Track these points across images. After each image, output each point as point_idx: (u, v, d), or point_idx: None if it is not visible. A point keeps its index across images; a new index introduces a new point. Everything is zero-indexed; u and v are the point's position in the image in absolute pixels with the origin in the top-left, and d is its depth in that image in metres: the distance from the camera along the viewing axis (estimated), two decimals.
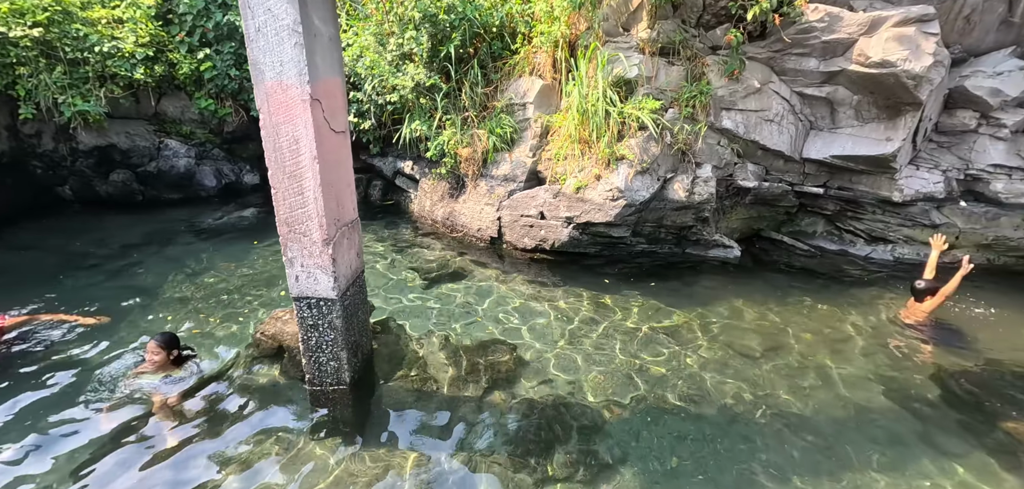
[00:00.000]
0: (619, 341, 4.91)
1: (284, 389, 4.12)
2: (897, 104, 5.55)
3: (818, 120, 6.20)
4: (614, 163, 5.92)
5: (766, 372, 4.44)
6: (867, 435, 3.76)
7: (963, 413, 4.00)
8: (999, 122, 5.83)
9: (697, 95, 5.89)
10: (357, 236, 3.80)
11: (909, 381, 4.33)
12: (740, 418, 3.94)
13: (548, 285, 6.00)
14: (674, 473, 3.44)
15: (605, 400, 4.11)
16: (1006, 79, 5.58)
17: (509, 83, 7.23)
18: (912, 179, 6.16)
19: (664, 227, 6.31)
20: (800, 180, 6.60)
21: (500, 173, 7.01)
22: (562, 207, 6.21)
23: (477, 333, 5.02)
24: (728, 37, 5.63)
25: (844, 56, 5.50)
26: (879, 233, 6.69)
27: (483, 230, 7.04)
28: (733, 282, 6.06)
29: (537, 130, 6.88)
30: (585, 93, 6.10)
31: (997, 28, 5.66)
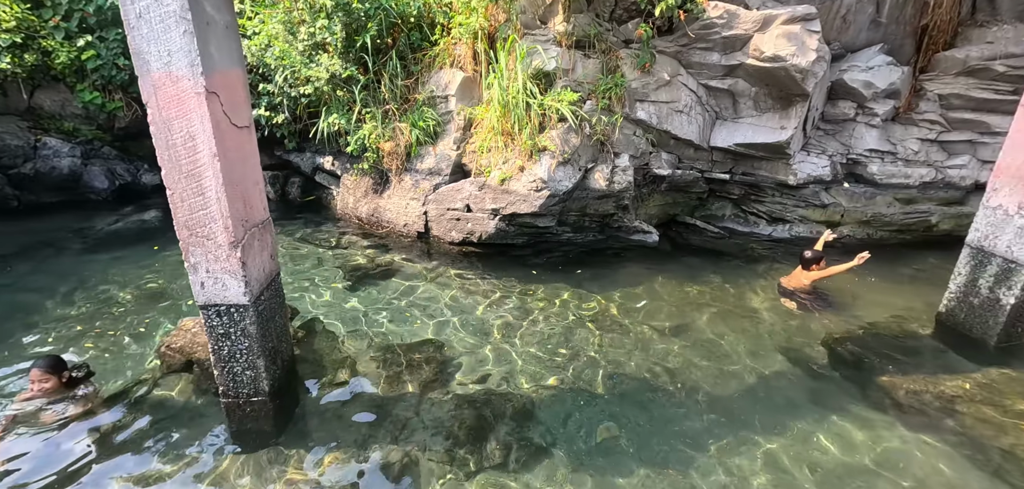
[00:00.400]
0: (548, 328, 5.03)
1: (196, 405, 3.85)
2: (789, 95, 6.09)
3: (722, 111, 6.66)
4: (537, 154, 6.03)
5: (683, 348, 4.74)
6: (768, 400, 4.12)
7: (847, 373, 4.49)
8: (872, 111, 6.57)
9: (612, 87, 6.13)
10: (269, 237, 3.60)
11: (802, 348, 4.79)
12: (661, 393, 4.18)
13: (477, 277, 6.02)
14: (602, 449, 3.59)
15: (536, 386, 4.21)
16: (876, 73, 6.29)
17: (430, 75, 7.13)
18: (804, 164, 6.79)
19: (588, 215, 6.52)
20: (709, 167, 7.07)
21: (425, 167, 6.92)
22: (488, 199, 6.23)
23: (407, 330, 4.95)
24: (639, 31, 5.90)
25: (742, 51, 5.95)
26: (778, 214, 7.31)
27: (410, 225, 6.92)
28: (653, 265, 6.39)
29: (460, 123, 6.84)
30: (506, 85, 6.14)
31: (868, 27, 6.36)
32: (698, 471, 3.43)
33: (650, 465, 3.46)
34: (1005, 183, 4.42)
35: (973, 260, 4.74)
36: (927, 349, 4.85)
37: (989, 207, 4.57)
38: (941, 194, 7.05)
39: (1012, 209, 4.38)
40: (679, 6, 5.69)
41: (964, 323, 4.84)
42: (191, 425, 3.69)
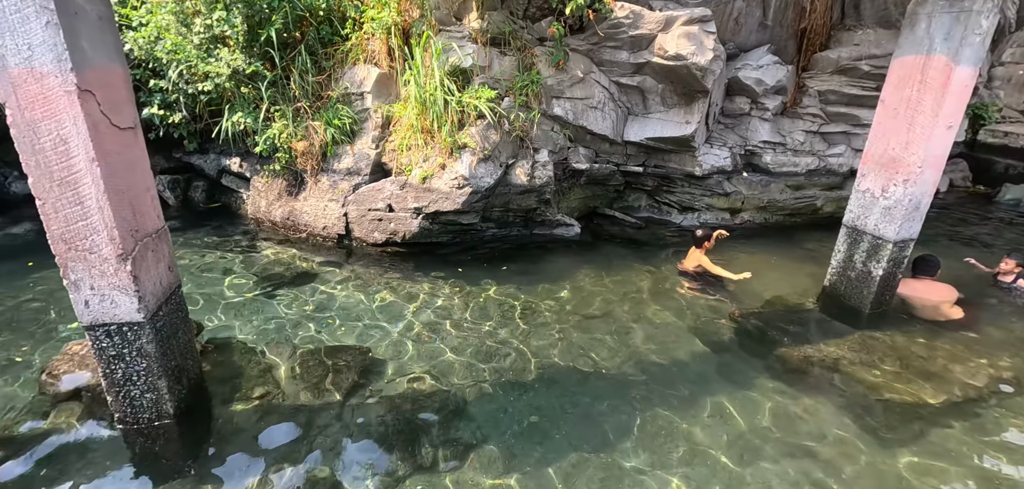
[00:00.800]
0: (476, 325, 5.04)
1: (89, 437, 3.46)
2: (691, 92, 6.53)
3: (633, 106, 7.01)
4: (457, 152, 6.02)
5: (605, 336, 4.93)
6: (684, 378, 4.40)
7: (750, 346, 4.91)
8: (764, 106, 7.20)
9: (529, 84, 6.25)
10: (166, 247, 3.31)
11: (711, 327, 5.17)
12: (587, 380, 4.33)
13: (403, 278, 5.91)
14: (533, 440, 3.66)
15: (466, 384, 4.21)
16: (765, 71, 6.90)
17: (343, 71, 6.88)
18: (708, 156, 7.31)
19: (511, 211, 6.61)
20: (624, 161, 7.41)
21: (343, 167, 6.68)
22: (410, 198, 6.14)
23: (329, 336, 4.76)
24: (551, 29, 6.06)
25: (648, 50, 6.30)
26: (688, 203, 7.82)
27: (329, 227, 6.65)
28: (576, 257, 6.59)
29: (378, 120, 6.67)
30: (423, 83, 6.07)
31: (757, 29, 6.97)
32: (623, 452, 3.60)
33: (579, 451, 3.58)
34: (871, 170, 5.02)
35: (849, 238, 5.34)
36: (815, 319, 5.41)
37: (859, 191, 5.17)
38: (824, 180, 7.88)
39: (877, 192, 4.99)
40: (588, 6, 5.91)
41: (844, 294, 5.44)
42: (85, 462, 3.32)
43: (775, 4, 6.78)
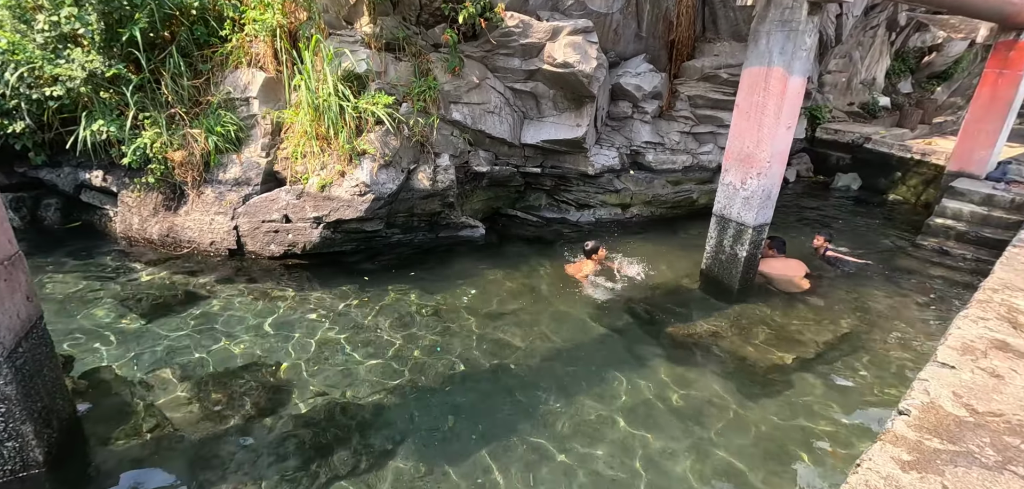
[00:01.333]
0: (385, 333, 5.02)
1: None
2: (580, 97, 7.02)
3: (528, 110, 7.36)
4: (357, 158, 5.92)
5: (514, 332, 5.16)
6: (590, 364, 4.76)
7: (644, 328, 5.42)
8: (644, 110, 7.93)
9: (426, 90, 6.32)
10: (22, 275, 2.94)
11: (610, 315, 5.62)
12: (501, 374, 4.53)
13: (305, 291, 5.69)
14: (449, 441, 3.76)
15: (378, 392, 4.20)
16: (643, 78, 7.61)
17: (224, 75, 6.44)
18: (599, 156, 7.87)
19: (415, 216, 6.62)
20: (523, 162, 7.74)
21: (230, 177, 6.25)
22: (309, 207, 5.92)
23: (226, 358, 4.47)
24: (445, 36, 6.19)
25: (538, 57, 6.67)
26: (583, 201, 8.35)
27: (218, 242, 6.18)
28: (482, 258, 6.77)
29: (267, 127, 6.34)
30: (314, 88, 5.89)
31: (634, 40, 7.66)
32: (538, 440, 3.83)
33: (495, 446, 3.74)
34: (732, 165, 5.77)
35: (718, 226, 6.08)
36: (695, 299, 6.11)
37: (724, 184, 5.93)
38: (698, 175, 8.83)
39: (738, 184, 5.75)
40: (480, 14, 6.12)
41: (717, 275, 6.19)
42: None
43: (647, 18, 7.50)
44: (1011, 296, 4.29)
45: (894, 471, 2.41)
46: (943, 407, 2.87)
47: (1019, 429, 2.72)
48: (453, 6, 6.14)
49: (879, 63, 13.56)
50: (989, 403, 2.92)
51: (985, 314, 3.97)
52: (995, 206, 7.61)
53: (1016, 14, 6.77)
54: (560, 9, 6.95)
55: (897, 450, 2.55)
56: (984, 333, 3.68)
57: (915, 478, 2.38)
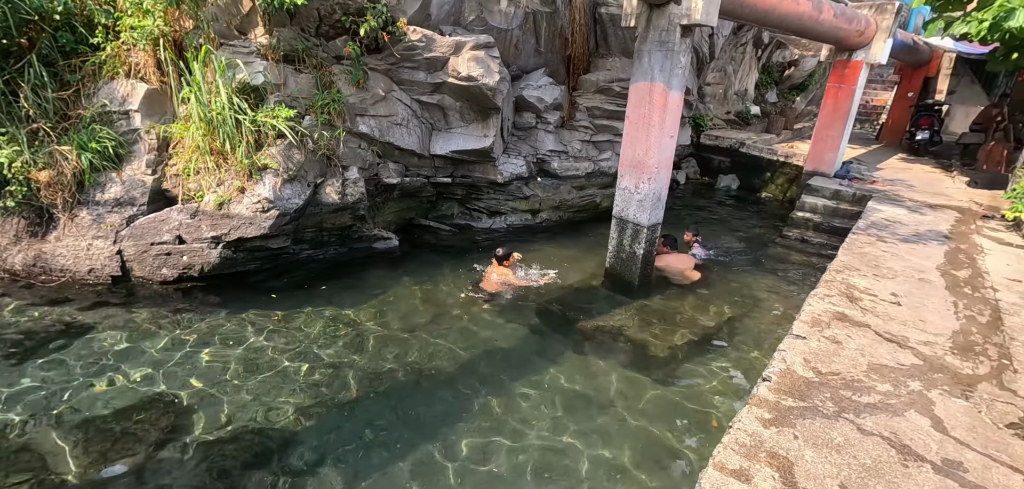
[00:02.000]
0: (297, 352, 4.88)
1: None
2: (486, 109, 7.27)
3: (436, 122, 7.48)
4: (257, 174, 5.68)
5: (431, 342, 5.23)
6: (508, 366, 4.95)
7: (557, 326, 5.73)
8: (547, 121, 8.37)
9: (330, 103, 6.22)
10: None
11: (525, 316, 5.87)
12: (419, 385, 4.58)
13: (206, 314, 5.35)
14: (372, 453, 3.77)
15: (292, 414, 4.08)
16: (544, 90, 8.05)
17: (98, 86, 5.89)
18: (507, 165, 8.17)
19: (325, 230, 6.47)
20: (433, 173, 7.83)
21: (110, 197, 5.71)
22: (205, 227, 5.58)
23: (119, 395, 4.12)
24: (347, 49, 6.15)
25: (443, 70, 6.83)
26: (495, 208, 8.60)
27: (99, 270, 5.62)
28: (396, 269, 6.76)
29: (153, 142, 5.88)
30: (206, 100, 5.58)
31: (533, 54, 8.07)
32: (460, 446, 3.94)
33: (419, 455, 3.81)
34: (627, 171, 6.30)
35: (618, 227, 6.59)
36: (601, 296, 6.56)
37: (620, 188, 6.44)
38: (600, 180, 9.44)
39: (632, 188, 6.28)
40: (382, 28, 6.15)
41: (620, 273, 6.70)
42: None
43: (545, 34, 7.95)
44: (849, 276, 5.13)
45: (758, 429, 2.85)
46: (796, 371, 3.41)
47: (851, 384, 3.32)
48: (354, 19, 6.11)
49: (749, 76, 15.34)
50: (830, 365, 3.52)
51: (829, 292, 4.72)
52: (841, 200, 8.95)
53: (847, 38, 8.06)
54: (462, 24, 7.16)
55: (760, 411, 3.01)
56: (829, 307, 4.39)
57: (774, 432, 2.83)
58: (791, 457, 2.62)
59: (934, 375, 3.48)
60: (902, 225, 7.04)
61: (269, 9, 5.67)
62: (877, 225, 6.96)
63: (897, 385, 3.32)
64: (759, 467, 2.54)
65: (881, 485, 2.48)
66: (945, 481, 2.54)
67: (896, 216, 7.46)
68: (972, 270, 5.53)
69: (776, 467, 2.55)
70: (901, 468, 2.60)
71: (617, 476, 3.73)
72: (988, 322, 4.33)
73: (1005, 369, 3.62)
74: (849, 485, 2.47)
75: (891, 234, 6.60)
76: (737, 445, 2.72)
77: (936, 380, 3.42)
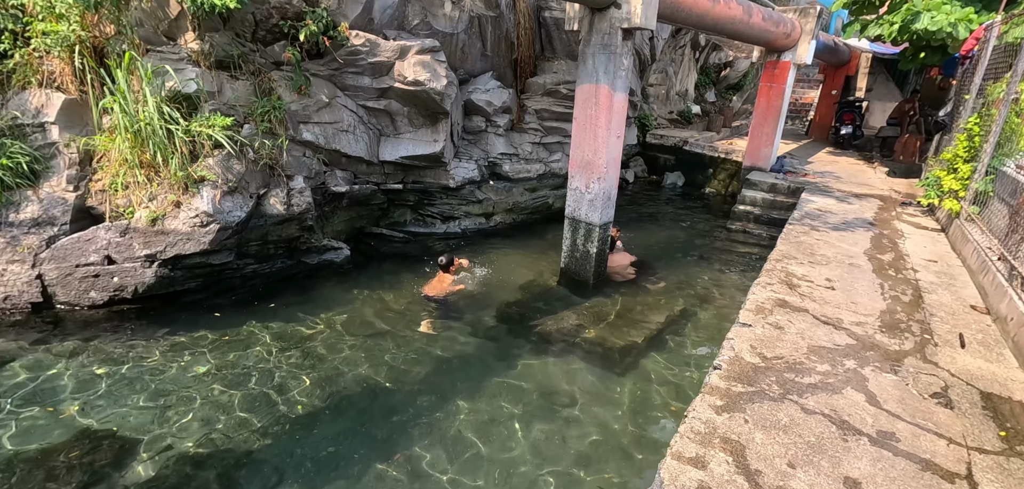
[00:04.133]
0: (245, 372, 4.64)
1: None
2: (435, 113, 7.20)
3: (384, 128, 7.33)
4: (194, 187, 5.37)
5: (386, 352, 5.11)
6: (465, 370, 4.90)
7: (514, 328, 5.73)
8: (496, 124, 8.38)
9: (271, 110, 5.97)
10: None
11: (481, 320, 5.84)
12: (377, 396, 4.47)
13: (142, 338, 5.00)
14: (333, 467, 3.64)
15: (245, 436, 3.89)
16: (492, 94, 8.06)
17: (6, 97, 5.41)
18: (458, 169, 8.11)
19: (271, 243, 6.19)
20: (383, 180, 7.67)
21: (25, 217, 5.25)
22: (138, 245, 5.21)
23: (44, 434, 3.79)
24: (286, 55, 5.92)
25: (389, 75, 6.71)
26: (448, 213, 8.52)
27: (15, 297, 5.13)
28: (347, 280, 6.57)
29: (74, 157, 5.45)
30: (133, 110, 5.22)
31: (480, 58, 8.08)
32: (422, 451, 3.87)
33: (380, 466, 3.71)
34: (577, 172, 6.40)
35: (571, 226, 6.68)
36: (557, 295, 6.61)
37: (571, 189, 6.53)
38: (551, 182, 9.54)
39: (583, 188, 6.39)
40: (322, 33, 5.97)
41: (575, 271, 6.79)
42: None
43: (491, 38, 7.97)
44: (788, 264, 5.42)
45: (711, 416, 2.96)
46: (744, 358, 3.57)
47: (794, 366, 3.50)
48: (293, 24, 5.90)
49: (689, 77, 15.99)
50: (774, 349, 3.69)
51: (771, 280, 4.97)
52: (778, 192, 9.47)
53: (775, 41, 8.55)
54: (406, 28, 7.06)
55: (713, 398, 3.12)
56: (771, 295, 4.62)
57: (726, 418, 2.94)
58: (743, 441, 2.73)
59: (866, 353, 3.72)
60: (832, 214, 7.52)
61: (199, 14, 5.38)
62: (810, 215, 7.40)
63: (834, 365, 3.54)
64: (714, 453, 2.63)
65: (825, 460, 2.62)
66: (880, 451, 2.71)
67: (827, 206, 7.96)
68: (895, 253, 5.97)
69: (729, 451, 2.65)
70: (841, 443, 2.77)
71: (582, 473, 3.77)
72: (911, 301, 4.69)
73: (927, 343, 3.93)
74: (796, 463, 2.60)
75: (823, 223, 7.03)
76: (693, 433, 2.80)
77: (868, 357, 3.66)
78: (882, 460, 2.65)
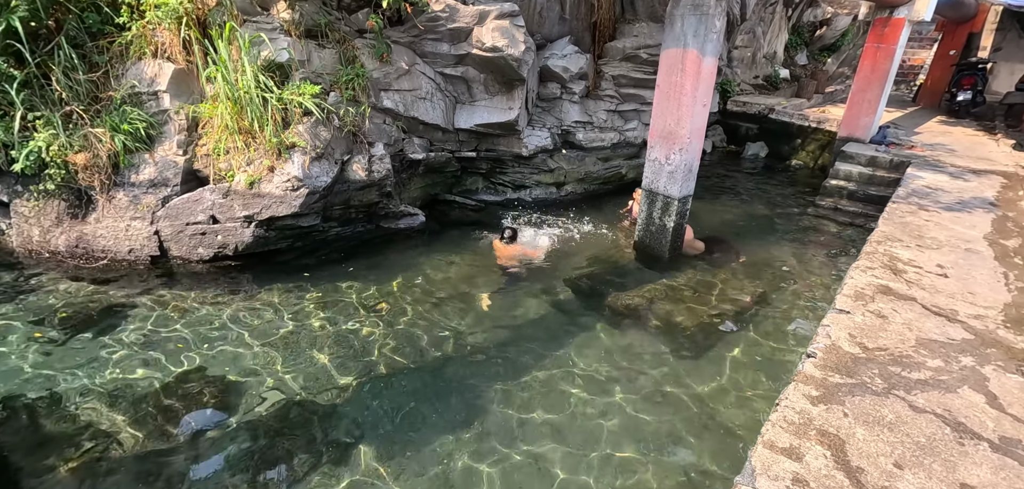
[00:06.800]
0: (332, 328, 4.96)
1: None
2: (510, 80, 7.13)
3: (460, 95, 7.37)
4: (286, 152, 5.69)
5: (460, 316, 5.26)
6: (535, 338, 4.95)
7: (585, 300, 5.70)
8: (572, 90, 8.17)
9: (355, 78, 6.16)
10: None
11: (552, 290, 5.84)
12: (452, 357, 4.63)
13: (243, 292, 5.46)
14: (408, 425, 3.84)
15: (333, 388, 4.18)
16: (569, 59, 7.84)
17: (126, 67, 5.93)
18: (531, 137, 8.04)
19: (353, 207, 6.49)
20: (458, 147, 7.76)
21: (144, 178, 5.81)
22: (238, 206, 5.64)
23: (164, 371, 4.25)
24: (370, 22, 6.04)
25: (467, 42, 6.68)
26: (520, 182, 8.51)
27: (138, 250, 5.75)
28: (422, 245, 6.78)
29: (182, 123, 5.93)
30: (233, 79, 5.58)
31: (558, 22, 7.84)
32: (494, 416, 3.99)
33: (456, 425, 3.87)
34: (656, 142, 6.14)
35: (647, 199, 6.47)
36: (630, 269, 6.49)
37: (650, 160, 6.30)
38: (625, 151, 9.25)
39: (663, 160, 6.14)
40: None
41: (649, 245, 6.60)
42: None
43: (570, 1, 7.71)
44: (892, 247, 4.96)
45: (806, 406, 2.80)
46: (842, 347, 3.33)
47: (900, 359, 3.22)
48: None
49: (779, 38, 14.75)
50: (877, 340, 3.42)
51: (871, 264, 4.58)
52: (878, 166, 8.63)
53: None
54: None
55: (807, 388, 2.95)
56: (872, 281, 4.25)
57: (822, 409, 2.77)
58: (842, 435, 2.57)
59: (987, 350, 3.35)
60: (945, 192, 6.76)
61: None
62: (918, 193, 6.70)
63: (948, 360, 3.22)
64: (810, 445, 2.50)
65: (937, 463, 2.42)
66: (1003, 459, 2.46)
67: (938, 183, 7.16)
68: (1022, 239, 5.30)
69: (827, 445, 2.50)
70: (957, 446, 2.53)
71: (659, 454, 3.73)
72: None
73: None
74: (904, 463, 2.41)
75: (933, 202, 6.35)
76: (786, 423, 2.67)
77: (989, 355, 3.30)
78: (1006, 469, 2.40)
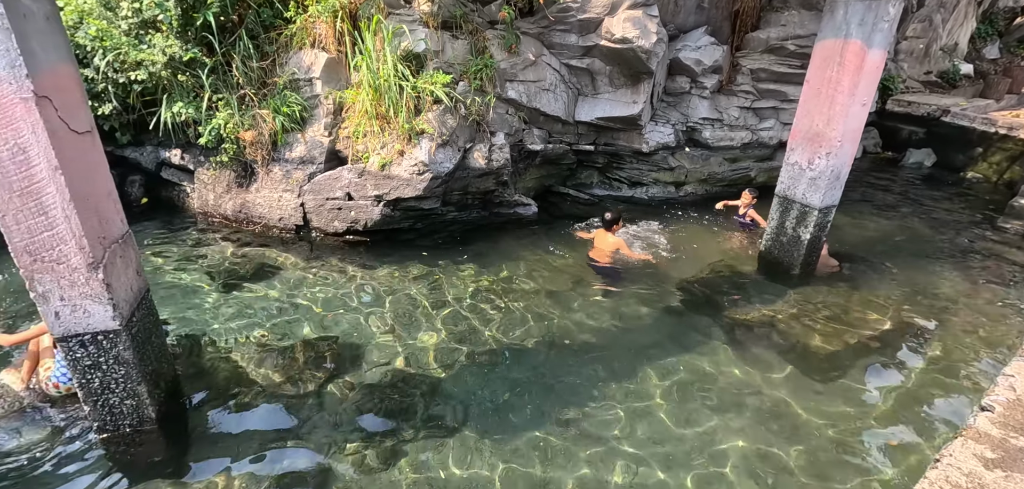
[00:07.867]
0: (444, 308, 5.20)
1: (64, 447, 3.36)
2: (637, 73, 6.86)
3: (583, 87, 7.26)
4: (415, 138, 6.05)
5: (566, 311, 5.23)
6: (641, 343, 4.77)
7: (698, 309, 5.37)
8: (703, 85, 7.66)
9: (483, 68, 6.34)
10: (132, 252, 3.24)
11: (662, 294, 5.59)
12: (553, 352, 4.62)
13: (367, 266, 5.95)
14: (508, 413, 3.91)
15: (439, 366, 4.38)
16: (703, 51, 7.33)
17: (288, 56, 6.68)
18: (653, 133, 7.70)
19: (470, 194, 6.73)
20: (576, 140, 7.68)
21: (295, 156, 6.54)
22: (370, 186, 6.13)
23: (298, 329, 4.78)
24: (502, 13, 6.16)
25: (595, 33, 6.54)
26: (636, 178, 8.22)
27: (286, 219, 6.53)
28: (533, 235, 6.84)
29: (330, 107, 6.56)
30: (375, 68, 6.03)
31: (695, 11, 7.36)
32: (589, 416, 3.92)
33: (551, 419, 3.87)
34: (798, 144, 5.53)
35: (780, 207, 5.87)
36: (753, 281, 5.97)
37: (789, 164, 5.69)
38: (757, 152, 8.50)
39: (804, 164, 5.52)
40: None
41: (778, 258, 6.01)
42: (63, 472, 3.22)
43: None
44: None
45: (977, 468, 2.35)
46: None
47: None
48: None
49: (963, 27, 12.47)
50: None
51: None
52: None
53: None
54: None
55: (980, 447, 2.48)
56: None
57: (999, 476, 2.31)
58: None
59: None
60: None
61: None
62: None
63: None
64: None
65: None
66: None
67: None
68: None
69: None
70: None
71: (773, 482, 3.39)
72: None
73: None
74: None
75: None
76: (949, 484, 2.27)
77: None
78: None
